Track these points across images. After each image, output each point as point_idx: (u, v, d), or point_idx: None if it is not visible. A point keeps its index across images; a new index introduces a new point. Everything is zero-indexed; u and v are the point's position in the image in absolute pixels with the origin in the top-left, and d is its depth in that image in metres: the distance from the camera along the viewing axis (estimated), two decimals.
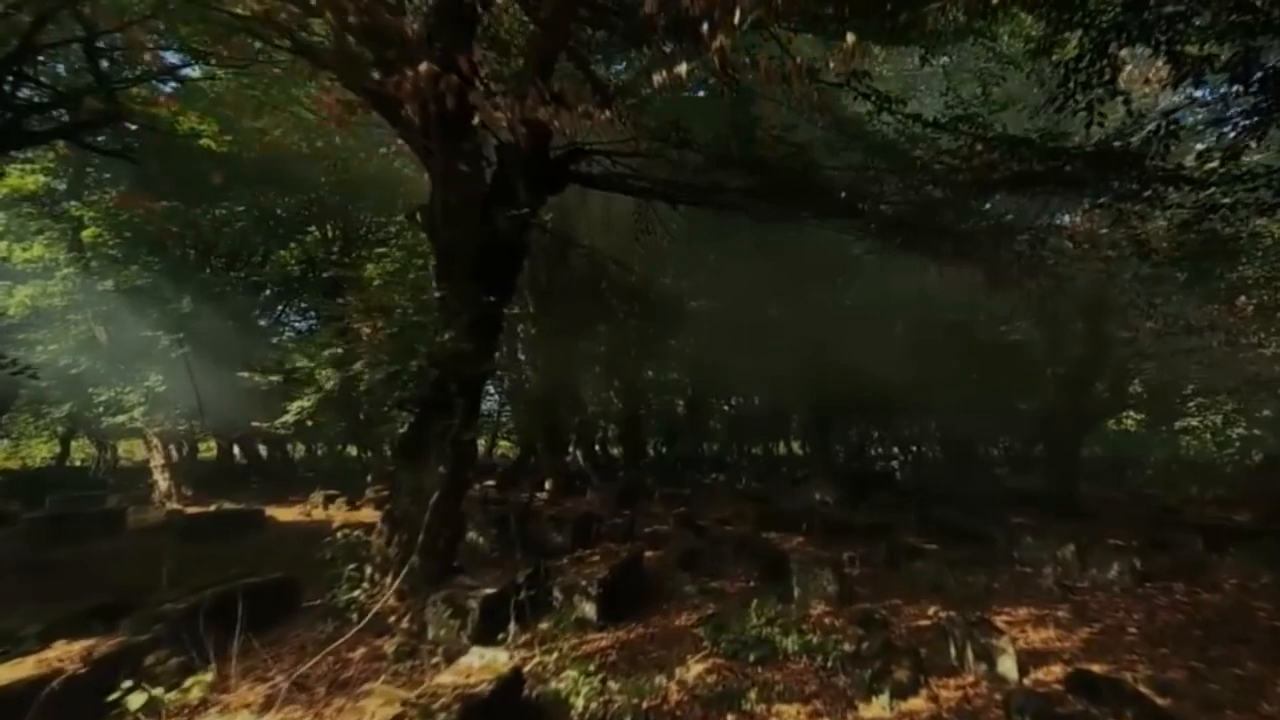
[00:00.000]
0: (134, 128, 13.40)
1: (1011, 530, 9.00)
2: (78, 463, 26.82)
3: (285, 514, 13.07)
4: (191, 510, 13.46)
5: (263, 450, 22.87)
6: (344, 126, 9.17)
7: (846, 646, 4.51)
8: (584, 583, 5.20)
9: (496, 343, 6.76)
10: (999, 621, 5.64)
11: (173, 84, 11.87)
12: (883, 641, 4.75)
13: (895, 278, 13.18)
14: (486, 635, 4.74)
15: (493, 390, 26.00)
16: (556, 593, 5.23)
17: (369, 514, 11.04)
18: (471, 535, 9.02)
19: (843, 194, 7.19)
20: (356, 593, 4.98)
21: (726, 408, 26.66)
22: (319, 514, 12.98)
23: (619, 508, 12.91)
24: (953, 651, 4.56)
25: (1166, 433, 19.79)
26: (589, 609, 5.13)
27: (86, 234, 12.25)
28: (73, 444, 26.08)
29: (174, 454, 23.98)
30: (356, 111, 8.65)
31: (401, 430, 5.90)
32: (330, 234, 16.46)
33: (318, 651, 4.61)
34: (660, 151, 7.49)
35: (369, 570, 5.32)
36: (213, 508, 13.61)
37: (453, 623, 4.75)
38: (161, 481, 14.07)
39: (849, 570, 7.06)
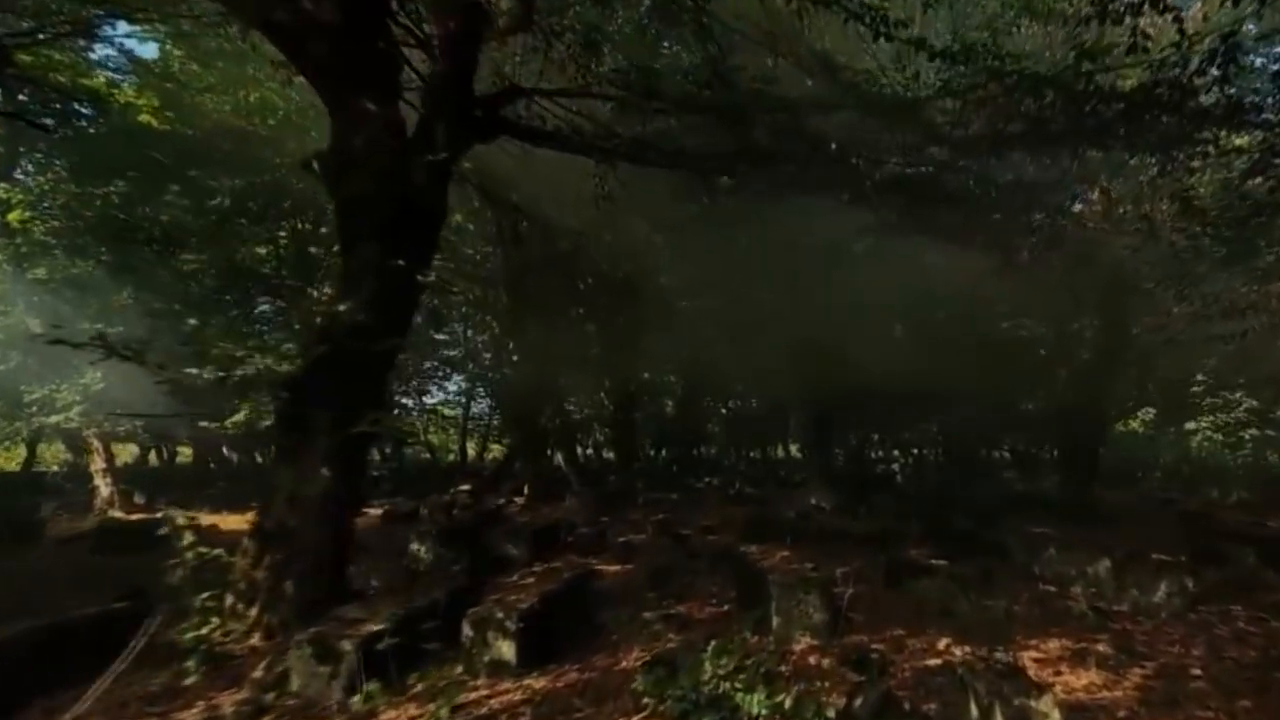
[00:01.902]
0: (86, 109, 12.49)
1: (1029, 541, 7.90)
2: (55, 468, 25.85)
3: (231, 522, 11.96)
4: (136, 517, 12.45)
5: (232, 455, 21.82)
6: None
7: (832, 710, 3.38)
8: (501, 614, 4.09)
9: (410, 317, 5.68)
10: (1027, 659, 4.55)
11: (97, 46, 10.87)
12: (881, 695, 3.64)
13: (897, 266, 12.14)
14: (364, 687, 3.65)
15: (483, 391, 25.08)
16: (466, 628, 4.11)
17: None
18: (414, 547, 7.95)
19: (833, 145, 6.09)
20: (206, 629, 3.88)
21: (723, 410, 25.57)
22: None
23: (597, 514, 11.87)
24: (975, 712, 3.44)
25: (1175, 433, 18.84)
26: (506, 649, 4.02)
27: (13, 216, 11.21)
28: (49, 449, 25.13)
29: (154, 458, 22.89)
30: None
31: (270, 422, 4.80)
32: (301, 226, 15.40)
33: (141, 712, 3.54)
34: (625, 101, 6.43)
35: (230, 599, 4.24)
36: (159, 515, 12.60)
37: (321, 671, 3.66)
38: (103, 487, 12.95)
39: (840, 589, 5.95)
